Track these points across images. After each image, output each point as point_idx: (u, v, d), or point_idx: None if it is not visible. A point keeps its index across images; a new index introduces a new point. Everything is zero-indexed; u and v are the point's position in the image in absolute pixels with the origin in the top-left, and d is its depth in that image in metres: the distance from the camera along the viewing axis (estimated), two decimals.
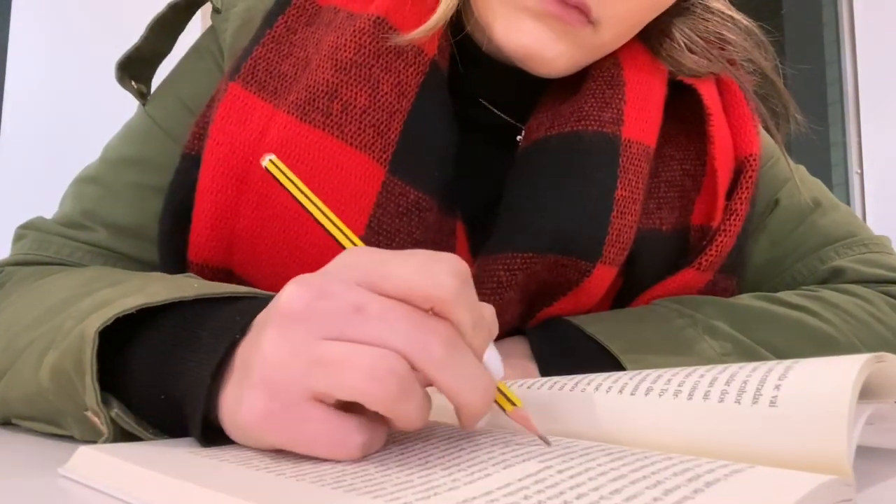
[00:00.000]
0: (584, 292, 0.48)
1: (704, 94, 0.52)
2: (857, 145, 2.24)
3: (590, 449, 0.25)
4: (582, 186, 0.47)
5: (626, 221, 0.48)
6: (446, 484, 0.21)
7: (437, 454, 0.26)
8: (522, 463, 0.23)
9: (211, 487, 0.22)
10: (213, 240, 0.45)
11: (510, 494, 0.19)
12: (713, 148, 0.51)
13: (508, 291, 0.47)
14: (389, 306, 0.25)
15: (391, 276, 0.26)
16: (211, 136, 0.46)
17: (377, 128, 0.45)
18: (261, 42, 0.48)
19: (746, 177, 0.51)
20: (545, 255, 0.47)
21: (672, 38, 0.53)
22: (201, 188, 0.45)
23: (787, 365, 0.26)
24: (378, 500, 0.19)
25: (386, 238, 0.45)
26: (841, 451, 0.22)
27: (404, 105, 0.46)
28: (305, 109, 0.45)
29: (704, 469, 0.21)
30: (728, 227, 0.50)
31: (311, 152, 0.44)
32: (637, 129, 0.49)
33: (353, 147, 0.45)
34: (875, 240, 0.58)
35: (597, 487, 0.19)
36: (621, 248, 0.48)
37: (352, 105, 0.45)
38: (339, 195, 0.44)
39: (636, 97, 0.50)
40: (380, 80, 0.46)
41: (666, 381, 0.28)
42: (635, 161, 0.48)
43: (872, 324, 0.50)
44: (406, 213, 0.46)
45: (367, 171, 0.45)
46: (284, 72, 0.47)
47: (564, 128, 0.49)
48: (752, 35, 0.55)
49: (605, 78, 0.50)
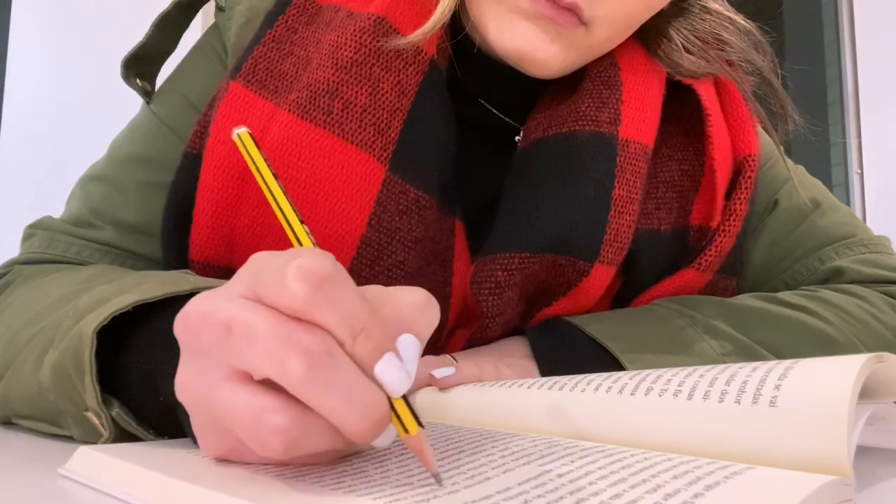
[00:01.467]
0: (583, 292, 0.48)
1: (703, 95, 0.52)
2: (857, 145, 2.24)
3: (589, 451, 0.25)
4: (579, 186, 0.48)
5: (624, 221, 0.48)
6: (446, 487, 0.21)
7: (437, 456, 0.26)
8: (522, 467, 0.23)
9: (211, 487, 0.22)
10: (214, 238, 0.46)
11: (510, 499, 0.19)
12: (711, 148, 0.51)
13: (507, 291, 0.47)
14: (253, 322, 0.23)
15: (264, 285, 0.24)
16: (212, 135, 0.46)
17: (377, 126, 0.46)
18: (262, 41, 0.48)
19: (745, 177, 0.51)
20: (543, 254, 0.47)
21: (669, 38, 0.53)
22: (202, 186, 0.45)
23: (787, 365, 0.26)
24: (378, 501, 0.19)
25: (387, 236, 0.45)
26: (841, 451, 0.22)
27: (404, 104, 0.47)
28: (306, 108, 0.45)
29: (704, 471, 0.21)
30: (728, 227, 0.51)
31: (312, 150, 0.44)
32: (634, 129, 0.49)
33: (353, 145, 0.45)
34: (875, 240, 0.58)
35: (597, 492, 0.19)
36: (619, 247, 0.48)
37: (352, 104, 0.46)
38: (341, 193, 0.44)
39: (633, 97, 0.50)
40: (380, 79, 0.46)
41: (666, 381, 0.28)
42: (633, 160, 0.49)
43: (872, 324, 0.50)
44: (406, 212, 0.46)
45: (368, 170, 0.45)
46: (285, 71, 0.47)
47: (562, 128, 0.49)
48: (750, 35, 0.55)
49: (602, 78, 0.50)
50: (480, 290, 0.47)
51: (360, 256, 0.45)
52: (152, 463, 0.25)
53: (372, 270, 0.45)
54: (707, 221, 0.51)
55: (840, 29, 2.32)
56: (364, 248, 0.45)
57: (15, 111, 1.71)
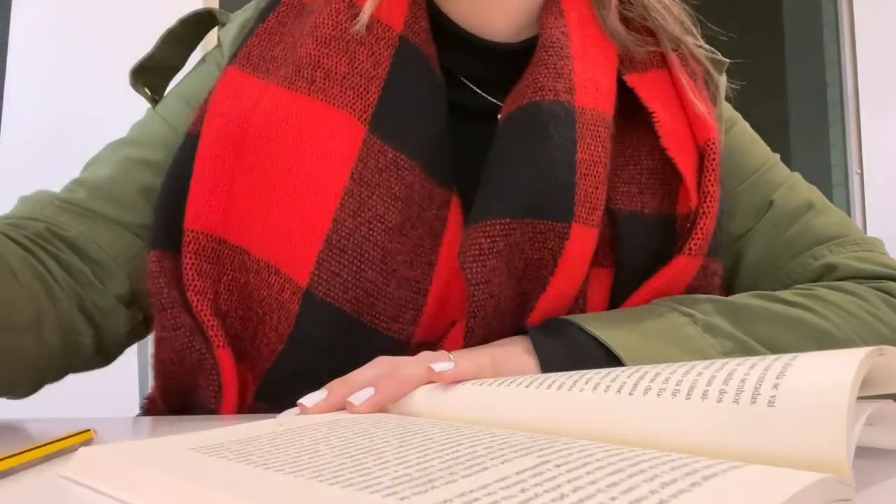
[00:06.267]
0: (570, 260, 0.49)
1: (643, 95, 0.55)
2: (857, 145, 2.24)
3: (588, 446, 0.25)
4: (546, 151, 0.50)
5: (591, 182, 0.50)
6: (444, 477, 0.21)
7: (436, 448, 0.26)
8: (521, 458, 0.23)
9: (209, 486, 0.22)
10: (210, 204, 0.49)
11: (507, 487, 0.19)
12: (662, 140, 0.53)
13: (491, 259, 0.48)
14: None
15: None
16: (210, 111, 0.51)
17: (356, 90, 0.50)
18: (255, 33, 0.54)
19: (710, 159, 0.54)
20: (521, 219, 0.49)
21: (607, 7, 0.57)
22: (200, 154, 0.49)
23: (786, 362, 0.26)
24: (375, 494, 0.19)
25: (367, 189, 0.49)
26: (840, 451, 0.22)
27: (380, 73, 0.51)
28: (292, 80, 0.50)
29: (702, 465, 0.21)
30: (707, 208, 0.53)
31: (298, 114, 0.49)
32: (588, 98, 0.52)
33: (335, 107, 0.50)
34: (867, 240, 0.59)
35: (594, 481, 0.19)
36: (591, 207, 0.50)
37: (333, 72, 0.51)
38: (325, 149, 0.49)
39: (584, 68, 0.53)
40: (356, 51, 0.51)
41: (664, 379, 0.28)
42: (591, 127, 0.51)
43: (869, 320, 0.51)
44: (385, 170, 0.49)
45: (349, 129, 0.49)
46: (276, 55, 0.53)
47: (524, 100, 0.52)
48: None
49: (555, 48, 0.53)
50: (465, 259, 0.49)
51: (344, 207, 0.48)
52: (152, 463, 0.25)
53: (354, 221, 0.48)
54: (688, 207, 0.53)
55: (840, 29, 2.32)
56: (347, 198, 0.48)
57: (15, 111, 1.71)
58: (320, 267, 0.47)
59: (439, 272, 0.51)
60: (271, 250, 0.48)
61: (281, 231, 0.48)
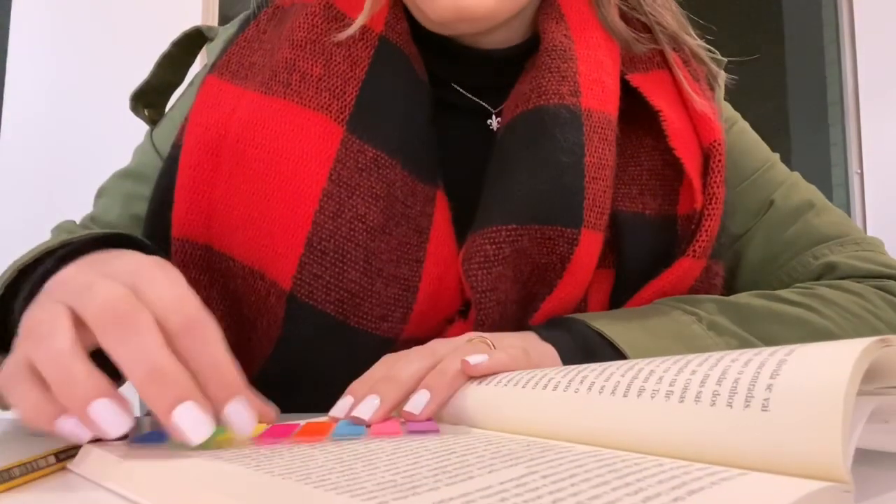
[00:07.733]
0: (578, 267, 0.49)
1: (649, 94, 0.54)
2: (857, 145, 2.24)
3: (581, 456, 0.25)
4: (553, 156, 0.49)
5: (600, 186, 0.50)
6: (427, 485, 0.21)
7: (428, 456, 0.25)
8: (509, 468, 0.23)
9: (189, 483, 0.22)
10: (193, 212, 0.49)
11: (488, 497, 0.19)
12: (670, 140, 0.53)
13: (497, 266, 0.48)
14: None
15: None
16: (190, 120, 0.51)
17: (333, 91, 0.50)
18: (235, 42, 0.54)
19: (715, 161, 0.53)
20: (529, 226, 0.48)
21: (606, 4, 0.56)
22: (182, 164, 0.50)
23: (781, 357, 0.24)
24: (355, 498, 0.19)
25: (347, 190, 0.48)
26: (836, 455, 0.21)
27: (358, 73, 0.51)
28: (269, 84, 0.50)
29: (692, 476, 0.21)
30: (712, 210, 0.52)
31: (274, 119, 0.49)
32: (594, 100, 0.51)
33: (311, 109, 0.49)
34: (867, 239, 0.59)
35: (576, 493, 0.19)
36: (599, 211, 0.50)
37: (308, 74, 0.50)
38: (302, 151, 0.48)
39: (589, 69, 0.52)
40: (332, 52, 0.51)
41: (658, 378, 0.28)
42: (598, 129, 0.51)
43: (870, 319, 0.51)
44: (365, 169, 0.49)
45: (326, 130, 0.49)
46: (255, 62, 0.53)
47: (529, 105, 0.51)
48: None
49: (557, 52, 0.53)
50: (470, 266, 0.48)
51: (323, 209, 0.47)
52: (152, 463, 0.26)
53: (335, 223, 0.47)
54: (691, 208, 0.53)
55: (840, 29, 2.32)
56: (326, 200, 0.47)
57: (15, 111, 1.71)
58: (302, 270, 0.47)
59: (428, 269, 0.50)
60: (255, 255, 0.48)
61: (262, 236, 0.48)
